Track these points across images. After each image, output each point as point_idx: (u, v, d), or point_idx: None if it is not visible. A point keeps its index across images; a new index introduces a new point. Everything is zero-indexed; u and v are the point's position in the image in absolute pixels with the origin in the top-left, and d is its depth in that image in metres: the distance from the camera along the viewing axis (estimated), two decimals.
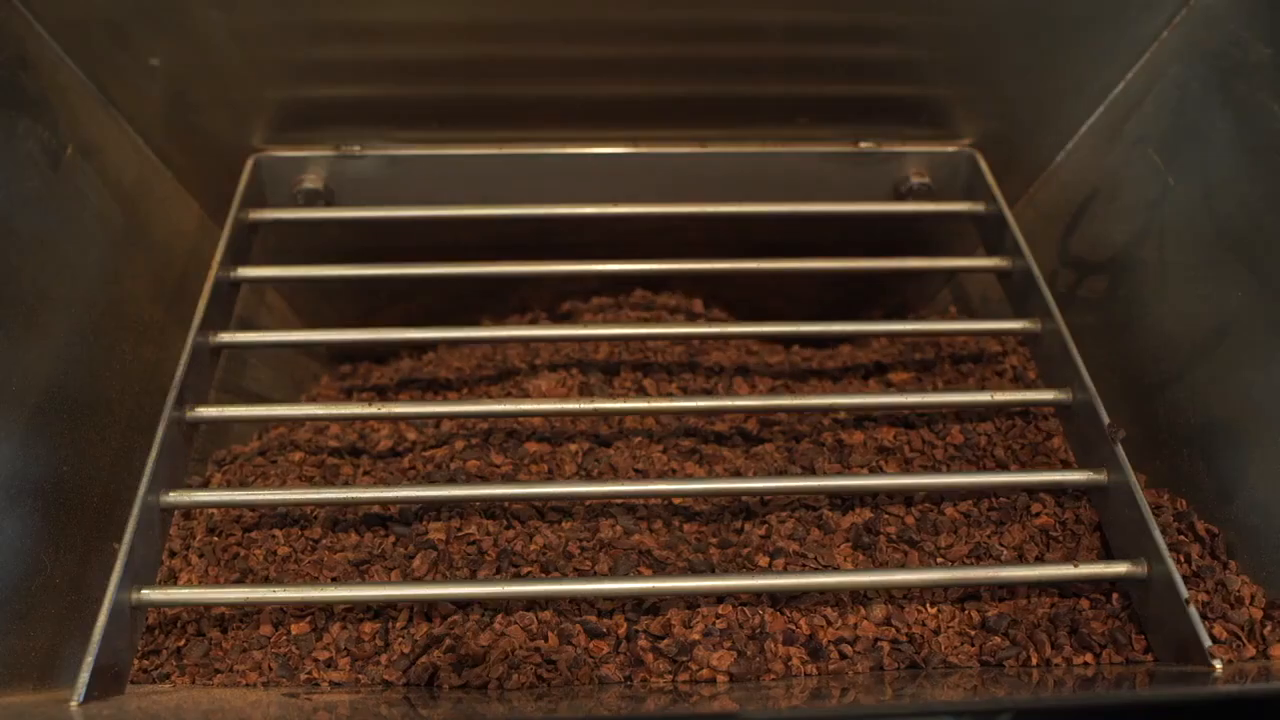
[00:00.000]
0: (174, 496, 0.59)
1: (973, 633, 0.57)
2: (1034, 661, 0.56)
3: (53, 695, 0.52)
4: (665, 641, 0.55)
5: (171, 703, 0.52)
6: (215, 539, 0.62)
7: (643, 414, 0.68)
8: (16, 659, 0.52)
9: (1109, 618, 0.57)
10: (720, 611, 0.56)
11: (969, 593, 0.58)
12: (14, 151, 0.61)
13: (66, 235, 0.64)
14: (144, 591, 0.55)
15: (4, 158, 0.60)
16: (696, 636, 0.55)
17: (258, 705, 0.52)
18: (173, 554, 0.61)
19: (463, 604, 0.57)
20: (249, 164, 0.74)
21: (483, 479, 0.64)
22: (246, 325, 0.79)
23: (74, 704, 0.50)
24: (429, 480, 0.64)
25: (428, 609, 0.57)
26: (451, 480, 0.64)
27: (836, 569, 0.59)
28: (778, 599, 0.57)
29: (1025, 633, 0.57)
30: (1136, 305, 0.69)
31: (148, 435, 0.60)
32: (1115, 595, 0.58)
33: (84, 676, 0.51)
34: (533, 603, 0.57)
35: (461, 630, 0.56)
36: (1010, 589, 0.58)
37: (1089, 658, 0.56)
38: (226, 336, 0.67)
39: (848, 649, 0.56)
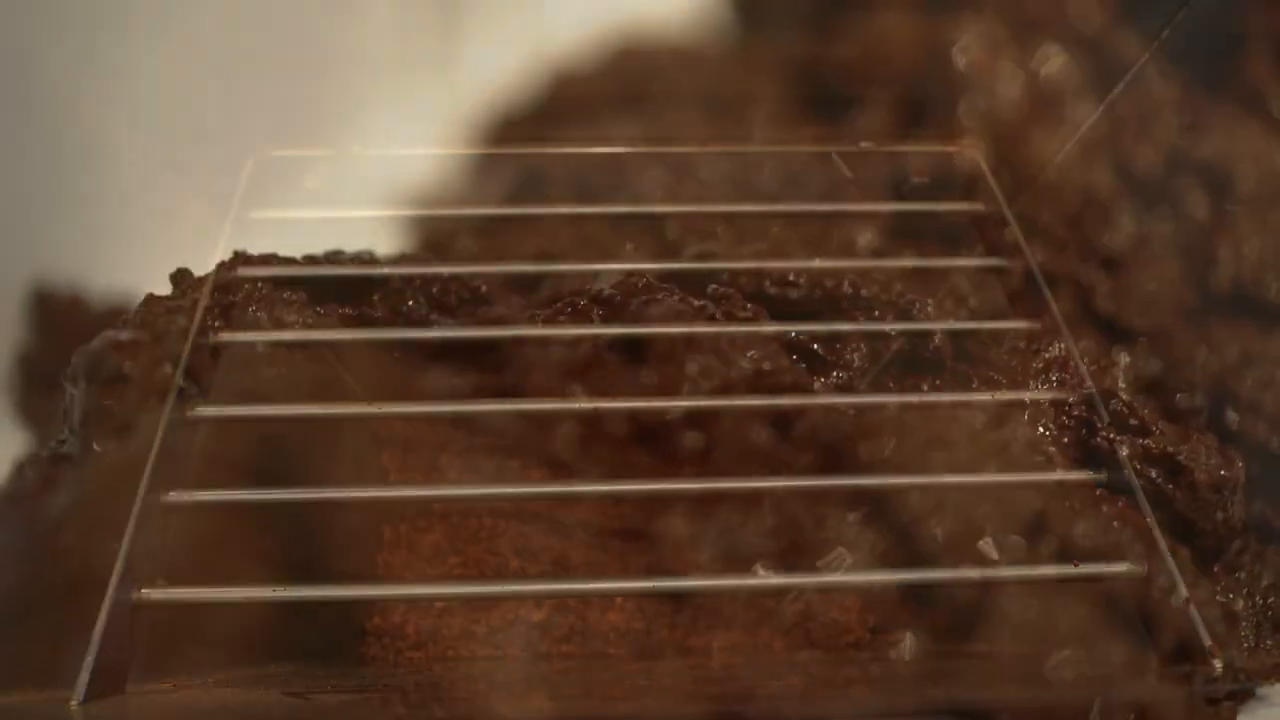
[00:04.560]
0: (174, 496, 0.59)
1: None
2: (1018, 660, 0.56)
3: (53, 695, 0.52)
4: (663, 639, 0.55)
5: (172, 703, 0.52)
6: None
7: (643, 414, 0.68)
8: (16, 659, 0.52)
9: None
10: (717, 610, 0.56)
11: None
12: None
13: None
14: (144, 591, 0.55)
15: None
16: (693, 635, 0.55)
17: (260, 704, 0.52)
18: None
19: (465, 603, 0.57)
20: (249, 164, 0.74)
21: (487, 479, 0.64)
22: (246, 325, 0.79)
23: (74, 704, 0.50)
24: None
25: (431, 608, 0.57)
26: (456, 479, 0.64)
27: (830, 568, 0.59)
28: (774, 596, 0.57)
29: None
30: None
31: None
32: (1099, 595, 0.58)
33: (84, 676, 0.51)
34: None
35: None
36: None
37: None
38: (226, 336, 0.67)
39: (842, 648, 0.56)
